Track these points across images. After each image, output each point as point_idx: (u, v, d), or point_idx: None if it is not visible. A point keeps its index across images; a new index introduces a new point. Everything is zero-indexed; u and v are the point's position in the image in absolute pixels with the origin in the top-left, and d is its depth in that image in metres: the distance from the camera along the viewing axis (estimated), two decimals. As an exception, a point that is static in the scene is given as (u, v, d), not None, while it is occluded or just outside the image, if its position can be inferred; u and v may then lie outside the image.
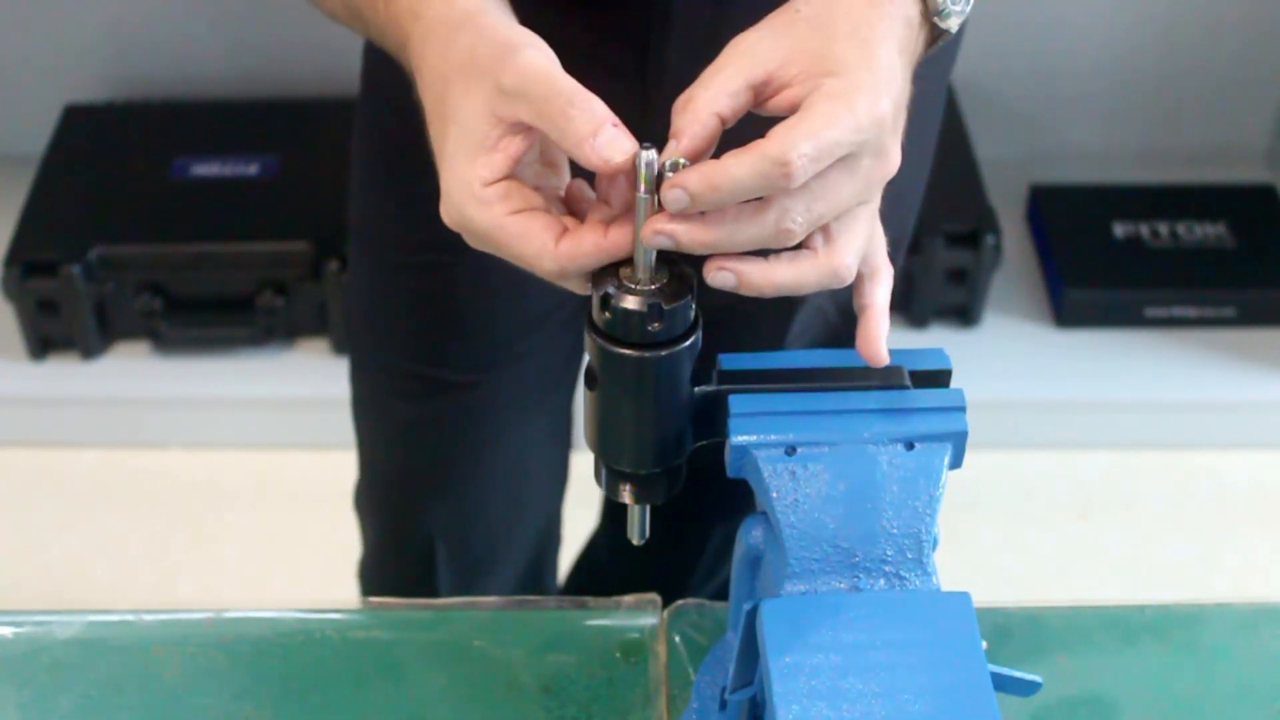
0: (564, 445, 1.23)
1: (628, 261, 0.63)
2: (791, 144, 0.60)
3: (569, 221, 0.66)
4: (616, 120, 0.63)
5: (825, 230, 0.64)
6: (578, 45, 0.73)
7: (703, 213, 0.62)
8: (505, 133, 0.65)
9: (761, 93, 0.64)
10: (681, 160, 0.62)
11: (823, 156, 0.61)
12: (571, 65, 0.65)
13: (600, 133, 0.62)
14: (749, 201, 0.62)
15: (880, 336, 0.67)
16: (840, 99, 0.61)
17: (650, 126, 0.77)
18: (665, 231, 0.62)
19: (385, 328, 1.08)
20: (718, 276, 0.63)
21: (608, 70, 0.79)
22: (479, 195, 0.65)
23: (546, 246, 0.65)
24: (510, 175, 0.65)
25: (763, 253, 0.64)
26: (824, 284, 0.64)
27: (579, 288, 0.66)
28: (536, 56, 0.64)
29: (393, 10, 0.71)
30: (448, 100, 0.66)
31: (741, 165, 0.60)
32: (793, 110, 0.62)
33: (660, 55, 0.86)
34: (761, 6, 0.67)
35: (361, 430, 1.17)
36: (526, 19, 0.70)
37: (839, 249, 0.64)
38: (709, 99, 0.63)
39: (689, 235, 0.62)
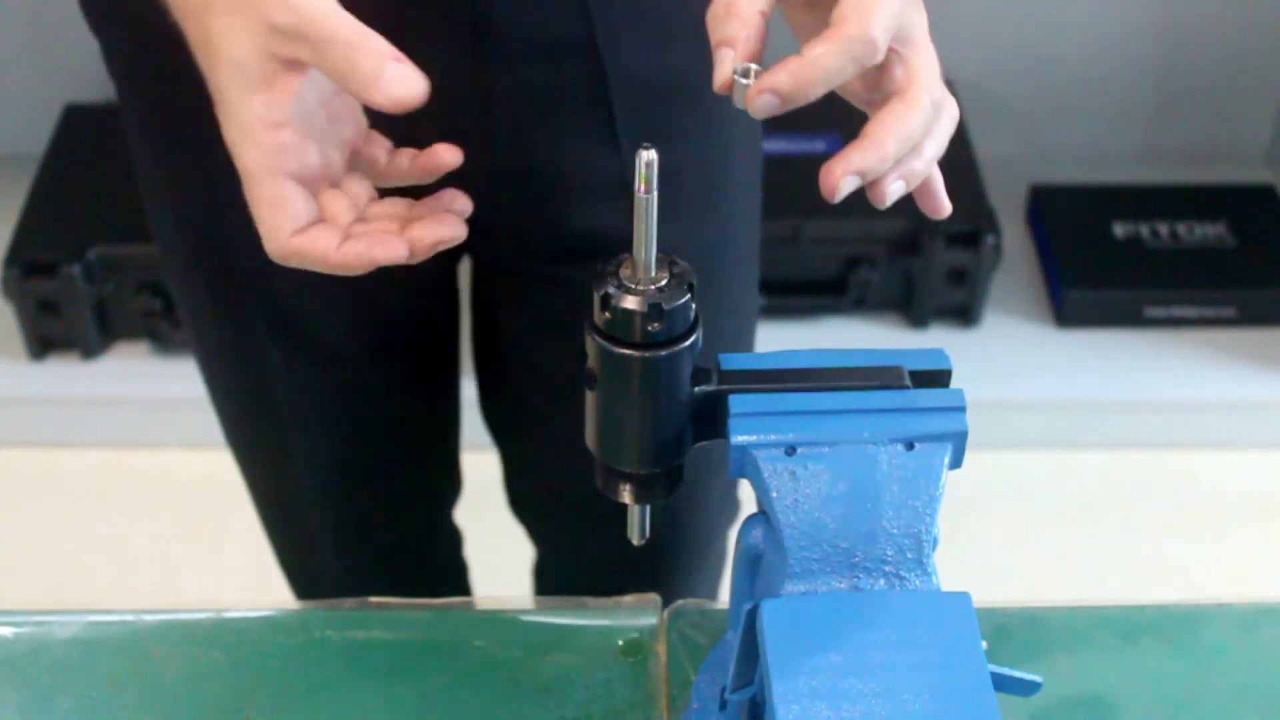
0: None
1: (628, 261, 0.63)
2: (869, 21, 0.60)
3: (334, 203, 0.66)
4: (400, 56, 0.62)
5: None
6: None
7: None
8: (280, 69, 0.64)
9: None
10: (753, 66, 0.61)
11: (893, 22, 0.61)
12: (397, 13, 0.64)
13: (385, 71, 0.62)
14: None
15: (937, 189, 0.67)
16: None
17: (483, 71, 0.76)
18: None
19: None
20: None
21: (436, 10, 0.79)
22: (258, 139, 0.64)
23: (282, 228, 0.65)
24: (291, 125, 0.64)
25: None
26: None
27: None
28: None
29: None
30: (212, 33, 0.64)
31: (829, 55, 0.61)
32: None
33: None
34: None
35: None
36: None
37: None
38: (747, 2, 0.62)
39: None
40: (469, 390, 1.15)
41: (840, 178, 0.63)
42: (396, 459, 1.13)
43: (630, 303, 0.62)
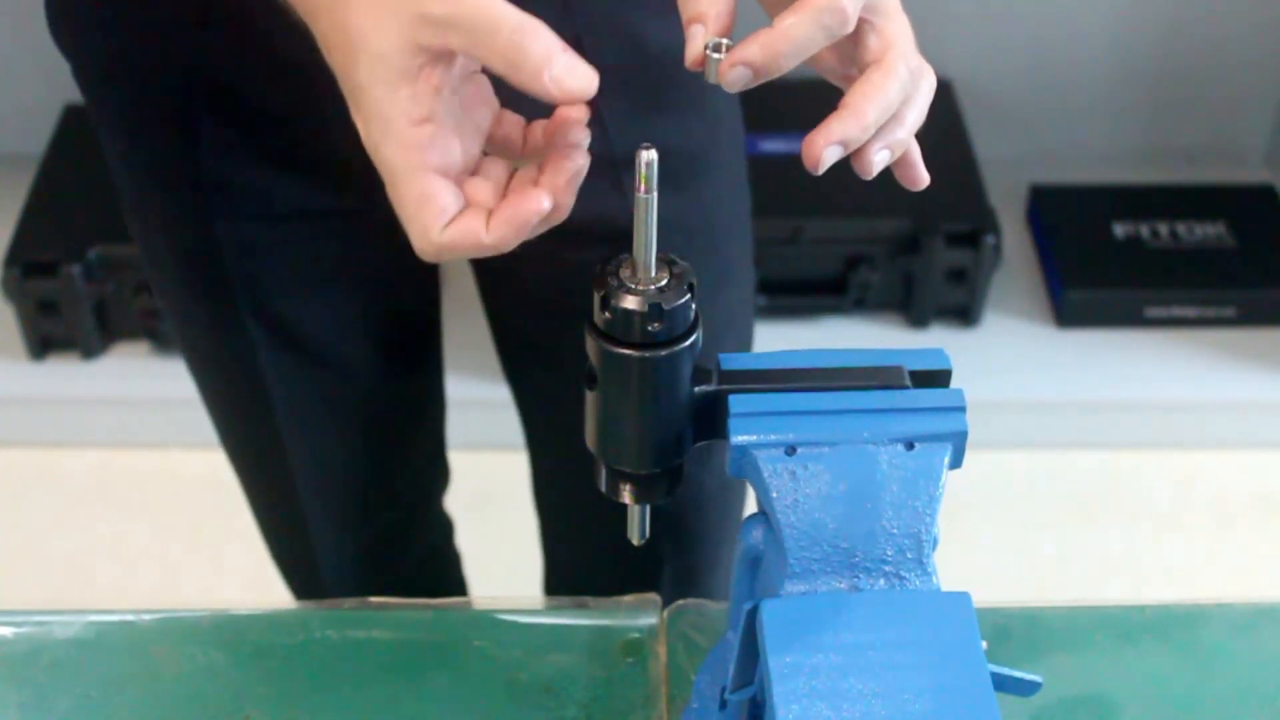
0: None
1: (627, 261, 0.63)
2: None
3: (476, 188, 0.64)
4: (566, 46, 0.61)
5: None
6: None
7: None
8: (428, 61, 0.62)
9: None
10: (724, 40, 0.62)
11: None
12: None
13: (554, 61, 0.60)
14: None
15: (915, 160, 0.66)
16: None
17: (569, 22, 0.74)
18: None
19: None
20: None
21: None
22: (401, 135, 0.62)
23: (432, 226, 0.63)
24: (434, 119, 0.62)
25: None
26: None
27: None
28: None
29: None
30: (350, 25, 0.62)
31: (800, 26, 0.61)
32: None
33: None
34: None
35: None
36: None
37: None
38: None
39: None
40: (468, 391, 1.16)
41: (823, 148, 0.63)
42: (385, 451, 1.14)
43: (630, 303, 0.62)
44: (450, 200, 0.64)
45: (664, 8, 0.88)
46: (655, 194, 0.61)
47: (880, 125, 0.64)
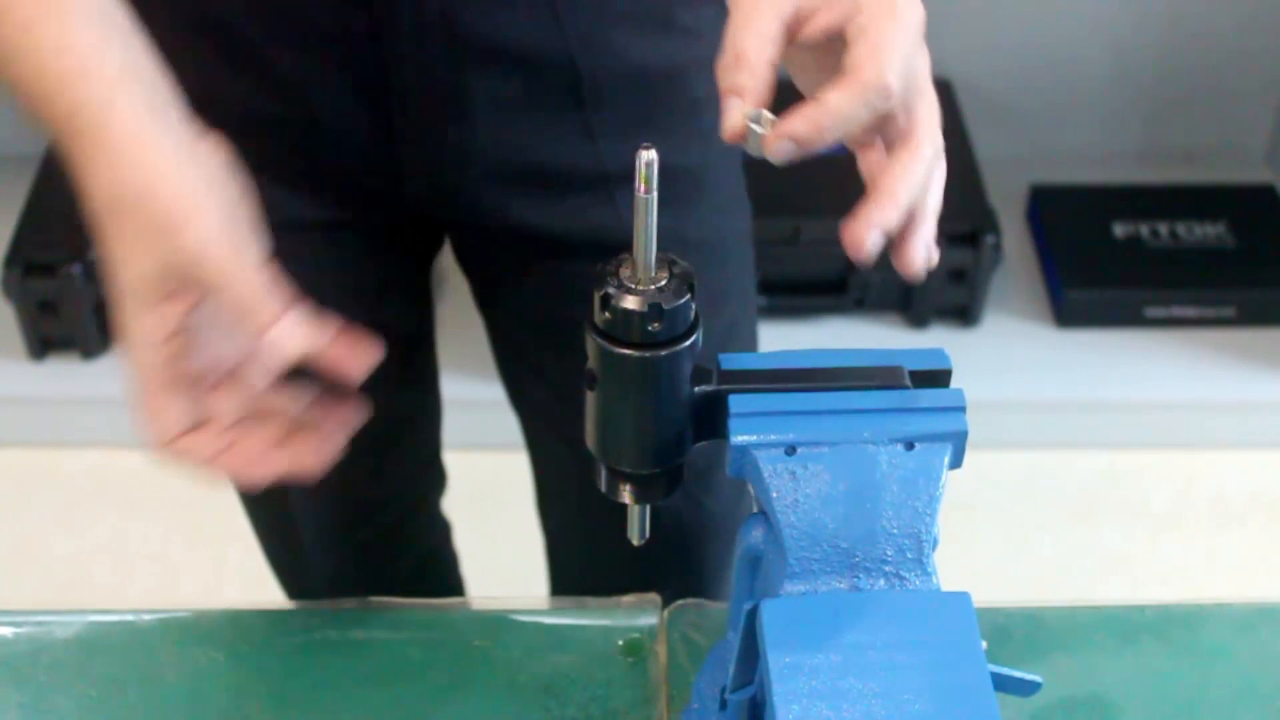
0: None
1: (628, 261, 0.63)
2: (883, 66, 0.61)
3: (218, 401, 0.69)
4: (296, 307, 0.66)
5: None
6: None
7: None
8: (178, 288, 0.66)
9: (793, 28, 0.64)
10: (766, 114, 0.62)
11: (905, 66, 0.62)
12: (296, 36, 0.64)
13: (276, 326, 0.65)
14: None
15: (925, 242, 0.66)
16: (888, 9, 0.63)
17: (461, 81, 0.77)
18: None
19: None
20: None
21: (336, 39, 0.81)
22: (144, 352, 0.67)
23: (160, 436, 0.69)
24: (181, 336, 0.67)
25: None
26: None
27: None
28: (209, 231, 0.65)
29: (46, 70, 0.67)
30: (111, 249, 0.67)
31: (846, 101, 0.61)
32: (829, 35, 0.63)
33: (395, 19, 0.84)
34: None
35: None
36: None
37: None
38: (759, 49, 0.63)
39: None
40: (466, 392, 1.15)
41: (866, 236, 0.63)
42: (380, 458, 1.14)
43: (630, 303, 0.62)
44: (182, 417, 0.69)
45: (656, 28, 0.89)
46: (655, 194, 0.61)
47: (910, 207, 0.65)
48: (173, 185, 0.66)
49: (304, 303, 0.69)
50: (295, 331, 0.66)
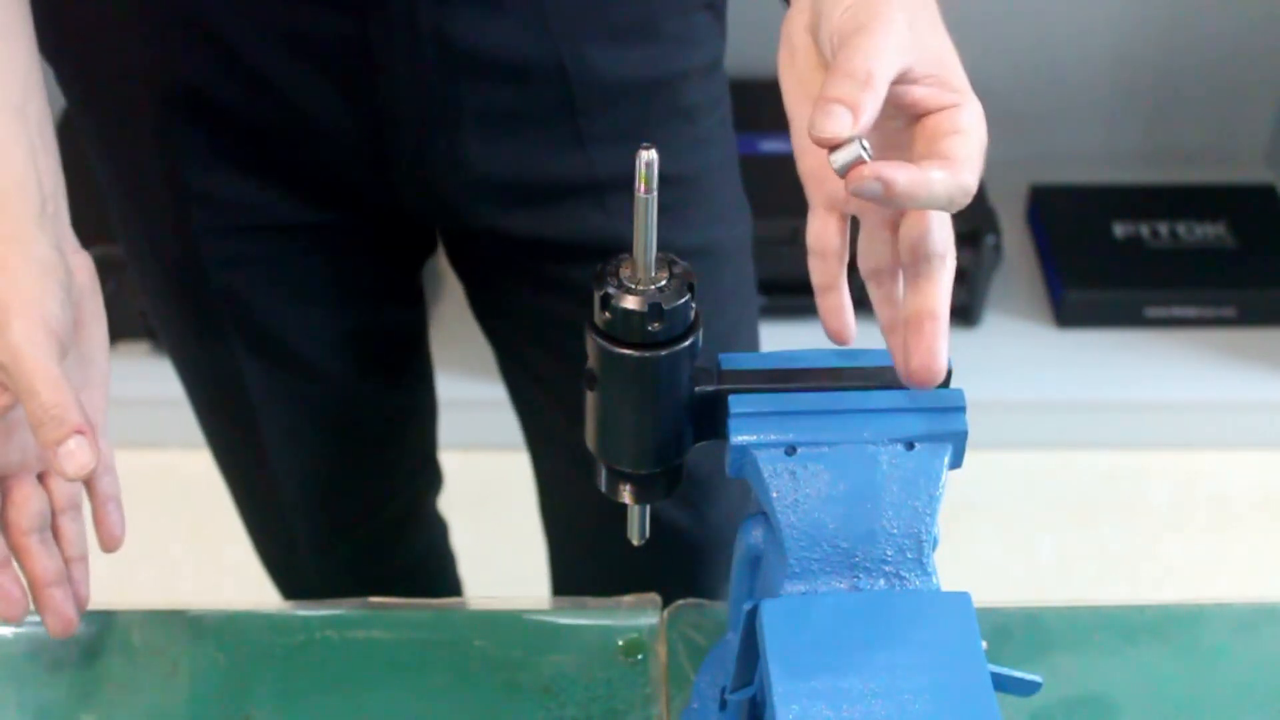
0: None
1: (628, 261, 0.63)
2: (974, 171, 0.61)
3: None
4: (85, 427, 0.67)
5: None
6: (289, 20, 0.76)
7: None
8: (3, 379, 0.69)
9: (897, 81, 0.63)
10: (866, 144, 0.59)
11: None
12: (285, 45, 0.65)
13: (66, 441, 0.67)
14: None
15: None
16: (972, 110, 0.63)
17: (452, 92, 0.78)
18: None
19: None
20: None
21: (327, 48, 0.82)
22: None
23: None
24: None
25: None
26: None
27: None
28: (24, 337, 0.67)
29: None
30: None
31: (941, 184, 0.59)
32: (915, 109, 0.63)
33: (385, 29, 0.84)
34: None
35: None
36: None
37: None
38: (885, 77, 0.60)
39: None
40: (464, 391, 1.16)
41: (935, 364, 0.63)
42: (373, 457, 1.14)
43: (630, 303, 0.62)
44: None
45: (647, 37, 0.89)
46: (655, 194, 0.61)
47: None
48: (8, 282, 0.68)
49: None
50: (83, 452, 0.68)
